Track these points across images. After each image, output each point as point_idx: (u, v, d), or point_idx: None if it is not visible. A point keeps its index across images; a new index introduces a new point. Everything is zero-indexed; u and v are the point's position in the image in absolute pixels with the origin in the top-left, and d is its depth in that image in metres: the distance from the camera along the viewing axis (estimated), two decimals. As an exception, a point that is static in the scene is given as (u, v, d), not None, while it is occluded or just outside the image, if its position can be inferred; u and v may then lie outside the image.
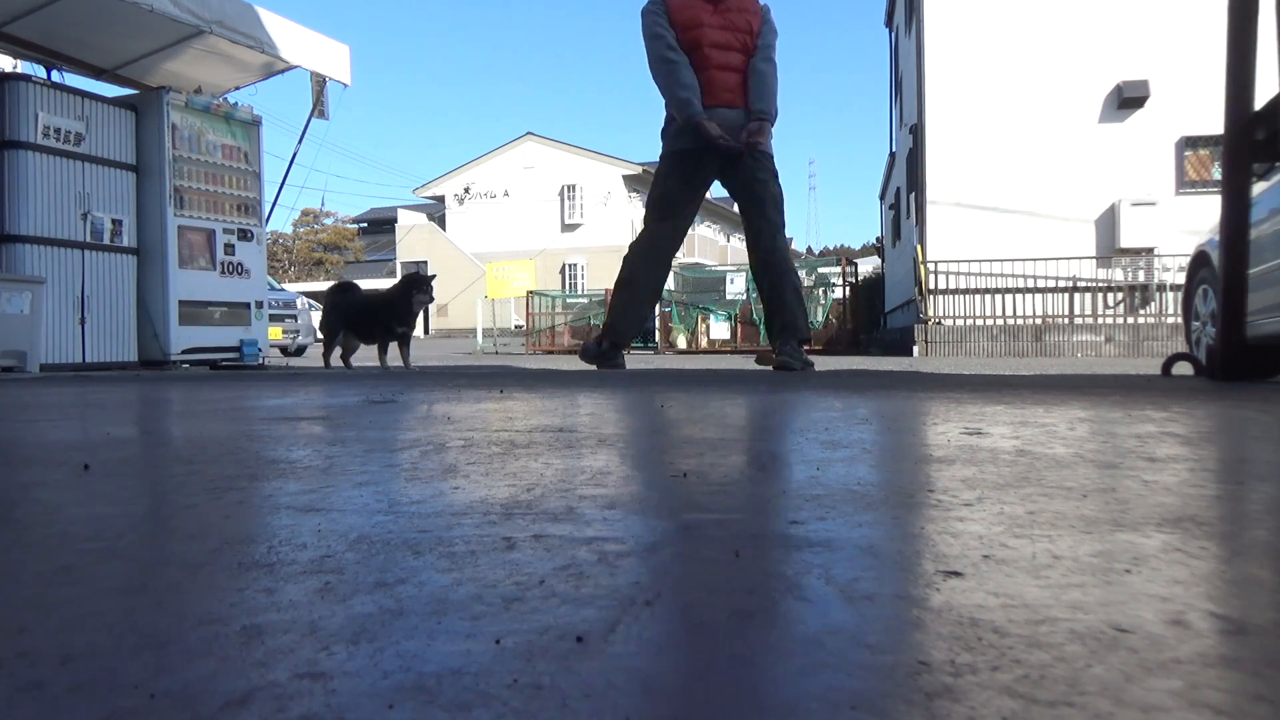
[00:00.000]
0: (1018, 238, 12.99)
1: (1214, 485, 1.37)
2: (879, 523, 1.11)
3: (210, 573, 0.90)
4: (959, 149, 13.28)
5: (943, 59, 13.42)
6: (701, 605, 0.78)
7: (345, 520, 1.14)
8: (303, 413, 2.76)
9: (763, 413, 2.71)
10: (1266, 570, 0.90)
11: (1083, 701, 0.56)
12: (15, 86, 6.65)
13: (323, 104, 8.44)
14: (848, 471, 1.50)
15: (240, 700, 0.58)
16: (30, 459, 1.84)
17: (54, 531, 1.13)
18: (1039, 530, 1.03)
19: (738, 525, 1.09)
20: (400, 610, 0.76)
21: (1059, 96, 12.97)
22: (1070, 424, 2.15)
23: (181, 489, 1.43)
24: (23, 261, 6.59)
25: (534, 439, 1.95)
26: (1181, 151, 12.88)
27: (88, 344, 7.04)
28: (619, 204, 37.32)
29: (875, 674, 0.62)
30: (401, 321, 7.02)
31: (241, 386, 4.17)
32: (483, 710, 0.56)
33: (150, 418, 2.94)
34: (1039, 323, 12.93)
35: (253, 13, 7.50)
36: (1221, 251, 3.75)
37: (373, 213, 48.64)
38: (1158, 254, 12.72)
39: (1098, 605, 0.76)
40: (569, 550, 0.97)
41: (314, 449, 1.84)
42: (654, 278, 4.93)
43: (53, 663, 0.65)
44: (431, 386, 3.86)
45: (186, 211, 7.52)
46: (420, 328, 37.47)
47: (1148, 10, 12.65)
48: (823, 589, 0.83)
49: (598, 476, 1.45)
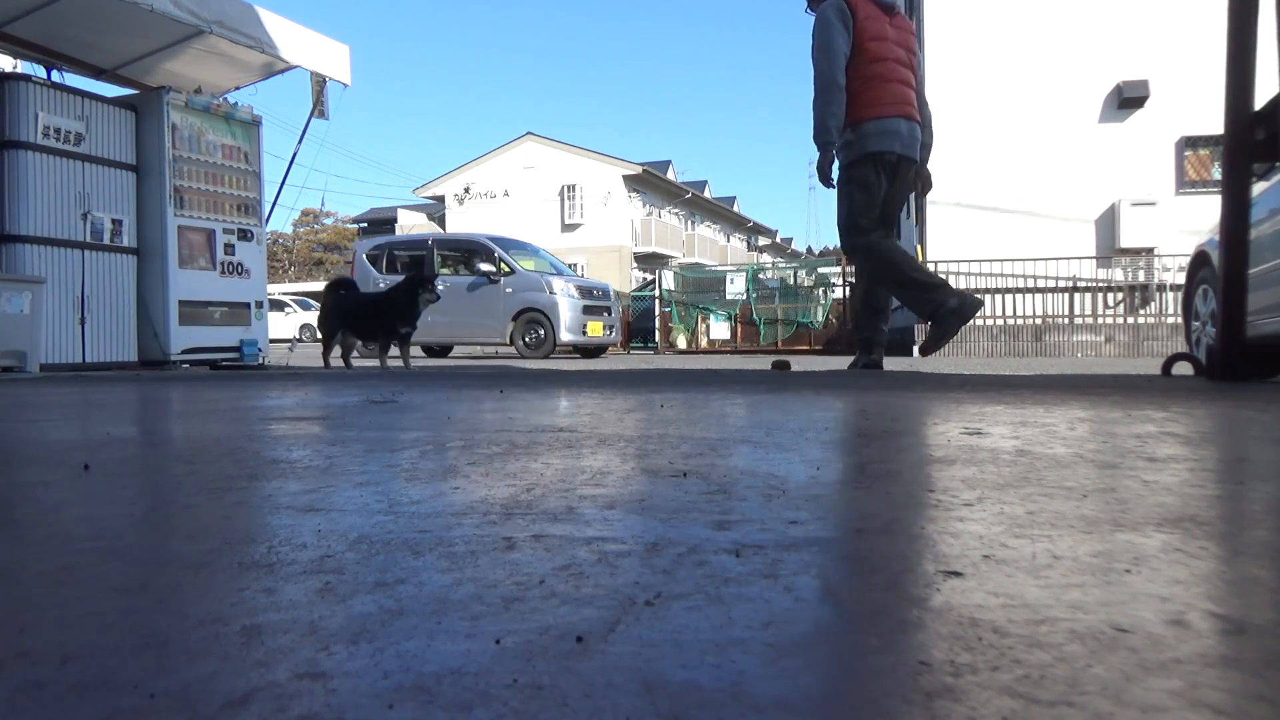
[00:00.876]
0: (1018, 238, 12.99)
1: (1214, 485, 1.37)
2: (879, 522, 1.11)
3: (210, 573, 0.90)
4: (959, 149, 13.28)
5: (942, 59, 13.42)
6: (701, 605, 0.78)
7: (345, 520, 1.14)
8: (303, 413, 2.76)
9: (762, 413, 2.71)
10: (1266, 570, 0.90)
11: (1083, 701, 0.56)
12: (15, 86, 6.65)
13: (323, 104, 8.43)
14: (848, 471, 1.50)
15: (240, 700, 0.58)
16: (30, 459, 1.84)
17: (54, 531, 1.13)
18: (1039, 530, 1.03)
19: (737, 525, 1.09)
20: (400, 610, 0.76)
21: (1059, 96, 12.98)
22: (1070, 424, 2.15)
23: (181, 489, 1.43)
24: (23, 261, 6.59)
25: (534, 439, 1.95)
26: (1181, 151, 12.89)
27: (88, 344, 7.04)
28: (619, 204, 37.31)
29: (875, 674, 0.62)
30: (406, 321, 6.99)
31: (241, 386, 4.17)
32: (483, 710, 0.56)
33: (150, 418, 2.94)
34: (1039, 323, 12.93)
35: (253, 13, 7.50)
36: (1221, 251, 3.75)
37: (373, 213, 48.63)
38: (1158, 254, 12.72)
39: (1098, 605, 0.76)
40: (569, 550, 0.97)
41: (314, 449, 1.84)
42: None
43: (53, 663, 0.65)
44: (431, 386, 3.86)
45: (186, 211, 7.51)
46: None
47: (1148, 10, 12.65)
48: (822, 589, 0.83)
49: (598, 476, 1.45)
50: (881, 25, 4.71)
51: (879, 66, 4.66)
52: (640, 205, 39.06)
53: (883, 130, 4.68)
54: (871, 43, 4.66)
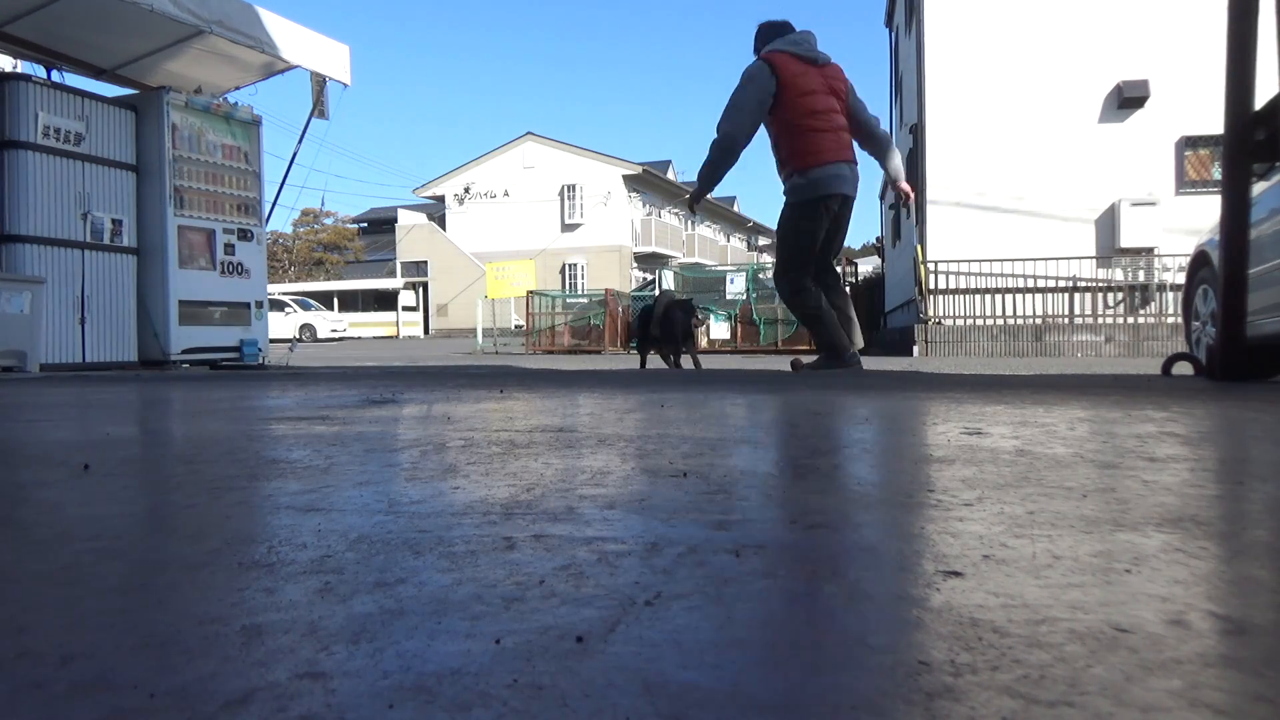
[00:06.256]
0: (1018, 238, 12.98)
1: (1214, 485, 1.37)
2: (879, 522, 1.11)
3: (210, 573, 0.90)
4: (959, 149, 13.28)
5: (943, 59, 13.41)
6: (701, 605, 0.78)
7: (345, 520, 1.14)
8: (303, 412, 2.75)
9: (763, 413, 2.71)
10: (1266, 570, 0.90)
11: (1083, 701, 0.56)
12: (15, 86, 6.65)
13: (323, 104, 8.43)
14: (848, 471, 1.50)
15: (240, 700, 0.58)
16: (30, 459, 1.84)
17: (54, 531, 1.13)
18: (1039, 530, 1.03)
19: (737, 525, 1.09)
20: (400, 610, 0.76)
21: (1059, 96, 12.97)
22: (1070, 424, 2.15)
23: (181, 489, 1.43)
24: (23, 261, 6.59)
25: (534, 439, 1.95)
26: (1181, 151, 12.88)
27: (88, 344, 7.03)
28: (619, 204, 37.31)
29: (875, 674, 0.62)
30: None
31: (241, 386, 4.17)
32: (483, 710, 0.56)
33: (150, 418, 2.94)
34: (1039, 323, 12.92)
35: (253, 13, 7.50)
36: (1221, 251, 3.75)
37: (373, 213, 48.63)
38: (1158, 254, 12.71)
39: (1098, 605, 0.76)
40: (569, 550, 0.96)
41: (314, 449, 1.84)
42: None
43: (53, 663, 0.65)
44: (431, 386, 3.86)
45: (186, 211, 7.51)
46: (420, 328, 37.55)
47: (1148, 10, 12.65)
48: (822, 589, 0.83)
49: (598, 476, 1.45)
50: (810, 79, 5.03)
51: (816, 120, 5.01)
52: (640, 205, 39.06)
53: (831, 175, 5.03)
54: (804, 98, 4.99)
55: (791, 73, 4.99)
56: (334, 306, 36.51)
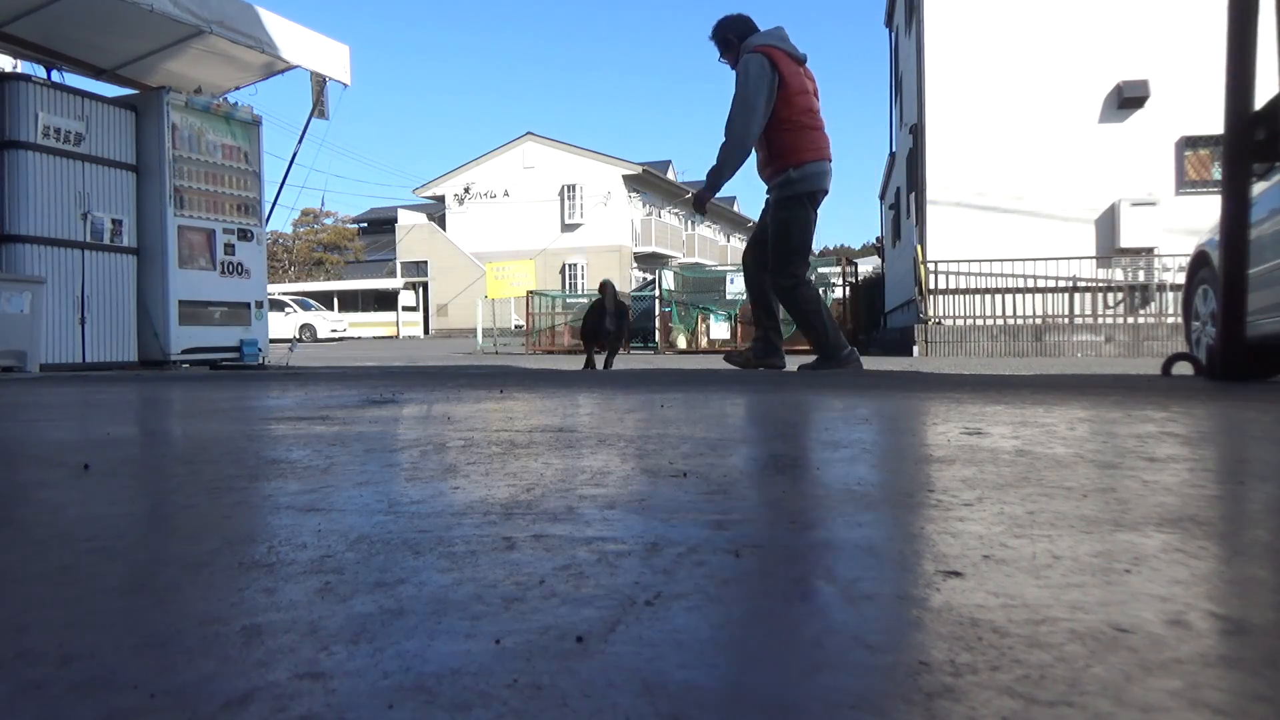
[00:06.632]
0: (1018, 238, 12.98)
1: (1214, 485, 1.37)
2: (879, 523, 1.11)
3: (210, 573, 0.90)
4: (959, 149, 13.28)
5: (943, 59, 13.41)
6: (701, 606, 0.78)
7: (345, 520, 1.14)
8: (303, 412, 2.75)
9: (762, 413, 2.71)
10: (1266, 570, 0.90)
11: (1083, 701, 0.56)
12: (15, 86, 6.64)
13: (323, 104, 8.43)
14: (848, 471, 1.50)
15: (240, 700, 0.58)
16: (30, 459, 1.84)
17: (54, 531, 1.13)
18: (1039, 530, 1.03)
19: (737, 525, 1.09)
20: (400, 610, 0.76)
21: (1059, 96, 12.97)
22: (1070, 424, 2.15)
23: (181, 489, 1.43)
24: (23, 261, 6.59)
25: (534, 439, 1.95)
26: (1181, 151, 12.88)
27: (88, 344, 7.03)
28: (619, 204, 37.31)
29: (875, 674, 0.62)
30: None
31: (241, 386, 4.17)
32: (483, 710, 0.56)
33: (150, 418, 2.94)
34: (1039, 323, 12.92)
35: (253, 13, 7.49)
36: (1221, 251, 3.75)
37: (373, 213, 48.62)
38: (1158, 254, 12.71)
39: (1098, 605, 0.76)
40: (569, 550, 0.97)
41: (314, 449, 1.84)
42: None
43: (53, 663, 0.65)
44: (431, 386, 3.86)
45: (186, 211, 7.51)
46: (420, 328, 37.55)
47: (1148, 10, 12.65)
48: (822, 589, 0.83)
49: (598, 476, 1.45)
50: (800, 78, 5.15)
51: (807, 117, 5.17)
52: (640, 205, 39.06)
53: (820, 171, 5.19)
54: (798, 96, 5.12)
55: (789, 70, 5.09)
56: (334, 306, 36.53)
